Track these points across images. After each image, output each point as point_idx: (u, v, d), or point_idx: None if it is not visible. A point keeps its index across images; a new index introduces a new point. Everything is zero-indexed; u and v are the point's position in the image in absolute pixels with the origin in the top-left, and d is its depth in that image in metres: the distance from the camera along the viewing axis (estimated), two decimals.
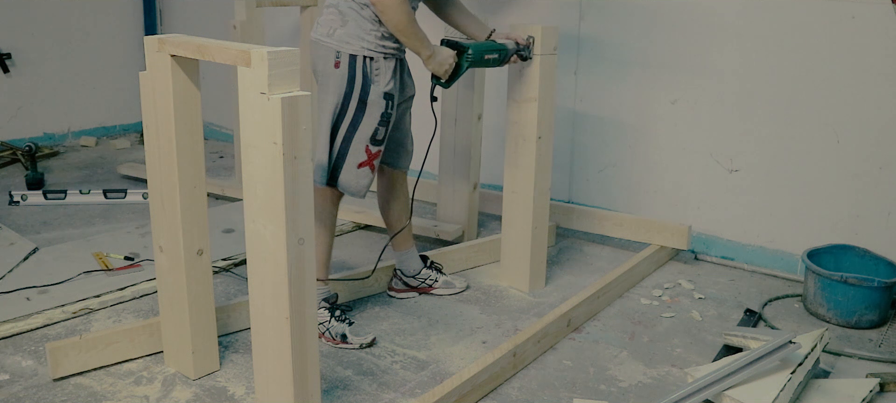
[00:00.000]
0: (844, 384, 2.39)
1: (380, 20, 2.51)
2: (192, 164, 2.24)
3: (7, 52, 5.05)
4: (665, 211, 3.64)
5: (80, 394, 2.34)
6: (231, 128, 5.27)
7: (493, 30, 2.91)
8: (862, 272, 2.96)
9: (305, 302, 2.00)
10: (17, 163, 4.81)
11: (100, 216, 3.93)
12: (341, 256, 3.45)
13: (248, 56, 1.86)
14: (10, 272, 3.13)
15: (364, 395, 2.38)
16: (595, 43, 3.70)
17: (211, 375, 2.46)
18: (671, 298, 3.13)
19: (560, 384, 2.47)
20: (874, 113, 3.07)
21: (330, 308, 2.68)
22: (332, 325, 2.64)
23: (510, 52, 2.84)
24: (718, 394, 2.21)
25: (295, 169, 1.88)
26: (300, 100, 1.86)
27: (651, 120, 3.60)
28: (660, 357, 2.66)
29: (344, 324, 2.65)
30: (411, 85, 2.82)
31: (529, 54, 2.88)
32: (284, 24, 4.96)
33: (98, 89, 5.57)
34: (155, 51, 2.17)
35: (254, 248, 2.01)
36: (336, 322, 2.65)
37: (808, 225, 3.28)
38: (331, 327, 2.64)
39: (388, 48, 2.57)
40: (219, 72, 4.74)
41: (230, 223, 3.75)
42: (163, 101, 2.20)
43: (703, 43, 3.40)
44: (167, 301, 2.41)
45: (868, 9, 3.00)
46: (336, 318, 2.66)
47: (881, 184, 3.10)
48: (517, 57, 2.87)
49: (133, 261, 3.24)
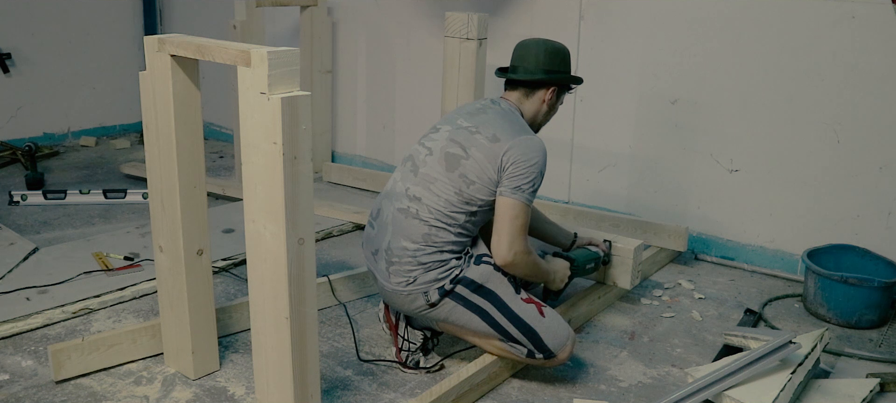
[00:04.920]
0: (844, 384, 2.39)
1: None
2: (192, 164, 2.24)
3: (7, 52, 5.05)
4: (665, 212, 3.64)
5: (80, 394, 2.34)
6: (231, 128, 5.28)
7: (575, 235, 2.88)
8: (862, 272, 2.96)
9: (305, 302, 2.00)
10: (17, 163, 4.81)
11: (100, 216, 3.93)
12: (341, 256, 3.45)
13: (248, 56, 1.85)
14: (9, 272, 3.13)
15: (364, 395, 2.38)
16: (595, 43, 3.70)
17: (211, 375, 2.46)
18: (671, 298, 3.13)
19: (560, 383, 2.47)
20: (874, 113, 3.07)
21: (431, 336, 2.59)
22: (416, 353, 2.55)
23: (600, 261, 2.83)
24: (718, 394, 2.21)
25: (295, 169, 1.88)
26: (300, 100, 1.86)
27: (651, 120, 3.60)
28: (660, 357, 2.66)
29: (421, 354, 2.57)
30: None
31: (610, 259, 2.89)
32: (284, 24, 4.96)
33: (98, 89, 5.57)
34: (155, 51, 2.17)
35: (254, 248, 2.01)
36: (420, 351, 2.56)
37: (808, 225, 3.28)
38: (413, 353, 2.55)
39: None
40: (219, 72, 4.74)
41: (230, 223, 3.75)
42: (163, 101, 2.19)
43: (703, 43, 3.40)
44: (167, 301, 2.41)
45: (868, 9, 3.00)
46: (422, 347, 2.57)
47: (881, 184, 3.10)
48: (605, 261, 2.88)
49: (133, 261, 3.24)
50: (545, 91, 2.53)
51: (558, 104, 2.61)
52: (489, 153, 2.32)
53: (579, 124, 3.82)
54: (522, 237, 2.32)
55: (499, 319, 2.35)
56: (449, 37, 3.26)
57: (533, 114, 2.55)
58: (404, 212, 2.36)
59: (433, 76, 4.21)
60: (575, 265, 2.69)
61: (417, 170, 2.41)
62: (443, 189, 2.34)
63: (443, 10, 4.10)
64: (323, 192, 4.36)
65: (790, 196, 3.31)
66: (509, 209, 2.30)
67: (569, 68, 2.59)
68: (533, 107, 2.55)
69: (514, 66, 2.57)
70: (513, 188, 2.29)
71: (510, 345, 2.37)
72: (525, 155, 2.32)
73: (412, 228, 2.34)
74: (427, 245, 2.33)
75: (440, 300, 2.34)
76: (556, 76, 2.53)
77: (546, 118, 2.61)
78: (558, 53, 2.55)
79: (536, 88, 2.53)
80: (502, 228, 2.31)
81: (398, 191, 2.42)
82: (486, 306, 2.35)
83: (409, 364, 2.53)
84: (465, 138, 2.38)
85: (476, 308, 2.35)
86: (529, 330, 2.35)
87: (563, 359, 2.41)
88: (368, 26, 4.58)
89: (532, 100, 2.54)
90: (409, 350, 2.54)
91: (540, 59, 2.52)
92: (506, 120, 2.42)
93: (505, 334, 2.35)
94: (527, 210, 2.31)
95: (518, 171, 2.30)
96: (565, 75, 2.56)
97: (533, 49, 2.54)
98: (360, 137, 4.80)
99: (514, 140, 2.34)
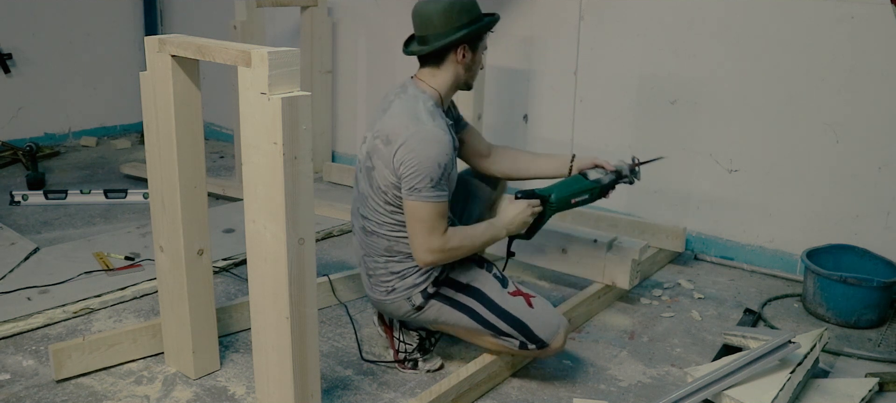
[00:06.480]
0: (844, 383, 2.39)
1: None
2: (192, 164, 2.25)
3: (8, 52, 5.05)
4: (665, 212, 3.64)
5: (80, 394, 2.34)
6: (231, 128, 5.28)
7: (573, 156, 2.64)
8: (861, 272, 2.96)
9: (305, 301, 2.00)
10: (18, 163, 4.81)
11: (100, 216, 3.94)
12: (341, 256, 3.46)
13: (249, 56, 1.86)
14: (10, 272, 3.14)
15: (364, 395, 2.39)
16: (595, 43, 3.70)
17: (211, 375, 2.46)
18: (671, 298, 3.14)
19: (560, 383, 2.48)
20: (874, 113, 3.07)
21: (426, 336, 2.57)
22: (413, 353, 2.54)
23: (605, 186, 2.53)
24: (718, 394, 2.22)
25: (295, 169, 1.89)
26: (300, 101, 1.86)
27: (651, 120, 3.61)
28: (660, 356, 2.67)
29: (419, 353, 2.55)
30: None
31: (636, 176, 2.55)
32: (284, 24, 4.96)
33: (98, 89, 5.57)
34: (155, 51, 2.17)
35: (254, 248, 2.01)
36: (418, 351, 2.55)
37: (808, 225, 3.29)
38: (410, 353, 2.54)
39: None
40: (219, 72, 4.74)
41: (230, 223, 3.75)
42: (163, 101, 2.20)
43: (703, 43, 3.40)
44: (168, 301, 2.41)
45: (868, 9, 3.00)
46: (420, 347, 2.55)
47: (880, 183, 3.10)
48: (615, 184, 2.56)
49: (133, 261, 3.24)
50: (454, 53, 2.30)
51: (479, 54, 2.36)
52: (386, 158, 2.24)
53: (579, 124, 3.82)
54: (433, 234, 2.22)
55: (487, 316, 2.34)
56: None
57: (451, 82, 2.34)
58: (363, 229, 2.39)
59: None
60: (551, 204, 2.45)
61: (358, 186, 2.41)
62: (375, 204, 2.32)
63: None
64: (323, 192, 4.37)
65: (789, 196, 3.32)
66: (412, 211, 2.22)
67: (475, 13, 2.29)
68: (447, 76, 2.33)
69: (417, 36, 2.34)
70: (409, 189, 2.20)
71: (502, 339, 2.37)
72: (413, 153, 2.18)
73: (374, 243, 2.37)
74: (393, 255, 2.34)
75: (425, 303, 2.35)
76: (459, 33, 2.26)
77: (470, 75, 2.38)
78: (454, 6, 2.26)
79: (444, 55, 2.30)
80: (411, 232, 2.25)
81: (353, 209, 2.45)
82: (472, 304, 2.35)
83: (408, 364, 2.53)
84: (371, 146, 2.30)
85: (463, 307, 2.35)
86: (518, 322, 2.33)
87: (557, 347, 2.37)
88: (368, 26, 4.59)
89: (444, 70, 2.32)
90: (407, 352, 2.54)
91: (435, 22, 2.26)
92: (403, 112, 2.25)
93: (495, 330, 2.35)
94: (430, 207, 2.20)
95: (409, 171, 2.19)
96: (469, 27, 2.28)
97: (427, 13, 2.27)
98: (360, 137, 4.80)
99: (403, 138, 2.20)
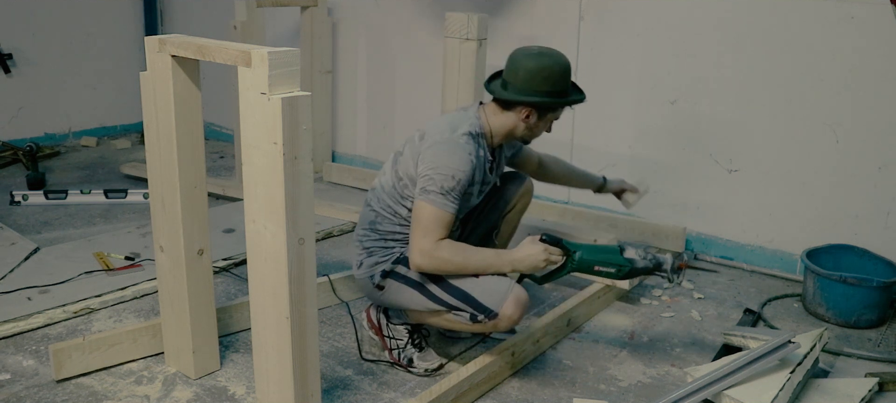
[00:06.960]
0: (843, 383, 2.39)
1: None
2: (192, 164, 2.25)
3: (8, 52, 5.05)
4: (664, 212, 3.64)
5: (80, 394, 2.34)
6: (231, 128, 5.28)
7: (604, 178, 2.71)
8: (861, 272, 2.97)
9: (305, 301, 2.01)
10: (18, 163, 4.81)
11: (101, 216, 3.94)
12: (341, 256, 3.46)
13: (249, 56, 1.86)
14: (11, 272, 3.14)
15: (364, 395, 2.39)
16: (595, 43, 3.70)
17: (211, 375, 2.46)
18: (671, 298, 3.14)
19: (560, 383, 2.48)
20: (874, 113, 3.07)
21: (411, 330, 2.57)
22: (406, 349, 2.55)
23: (637, 269, 2.28)
24: (718, 394, 2.22)
25: (295, 169, 1.89)
26: (300, 101, 1.86)
27: (651, 120, 3.61)
28: (659, 356, 2.67)
29: (414, 349, 2.56)
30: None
31: (678, 278, 2.25)
32: (284, 24, 4.96)
33: (99, 89, 5.57)
34: (155, 51, 2.17)
35: (254, 248, 2.02)
36: (410, 346, 2.56)
37: (808, 225, 3.29)
38: (403, 350, 2.55)
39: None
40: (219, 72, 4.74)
41: (230, 223, 3.76)
42: (163, 101, 2.20)
43: (703, 43, 3.40)
44: (168, 301, 2.41)
45: (868, 9, 3.00)
46: (412, 343, 2.56)
47: (880, 183, 3.11)
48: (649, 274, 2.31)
49: (134, 261, 3.24)
50: (521, 109, 2.39)
51: (546, 122, 2.45)
52: (414, 150, 2.37)
53: (579, 124, 3.83)
54: (426, 237, 2.25)
55: (436, 291, 2.37)
56: (449, 37, 3.27)
57: (508, 130, 2.43)
58: (366, 202, 2.52)
59: (433, 76, 4.21)
60: (573, 259, 2.30)
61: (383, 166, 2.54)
62: (386, 181, 2.46)
63: (443, 10, 4.10)
64: (323, 192, 4.37)
65: (789, 196, 3.32)
66: (416, 211, 2.29)
67: (558, 87, 2.38)
68: (506, 123, 2.42)
69: (502, 77, 2.45)
70: (420, 189, 2.29)
71: (454, 314, 2.38)
72: (435, 156, 2.28)
73: (365, 214, 2.51)
74: (372, 231, 2.47)
75: (383, 281, 2.43)
76: (532, 98, 2.35)
77: (530, 135, 2.47)
78: (541, 72, 2.34)
79: (512, 106, 2.40)
80: (411, 231, 2.32)
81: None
82: (422, 280, 2.38)
83: (403, 361, 2.53)
84: (410, 136, 2.45)
85: (415, 283, 2.39)
86: (462, 294, 2.33)
87: (510, 316, 2.29)
88: (368, 26, 4.59)
89: (506, 116, 2.41)
90: (399, 348, 2.55)
91: (519, 76, 2.36)
92: (447, 121, 2.40)
93: (444, 304, 2.37)
94: (433, 211, 2.24)
95: (426, 172, 2.28)
96: (545, 97, 2.36)
97: (517, 65, 2.38)
98: (361, 137, 4.81)
99: (434, 140, 2.32)
